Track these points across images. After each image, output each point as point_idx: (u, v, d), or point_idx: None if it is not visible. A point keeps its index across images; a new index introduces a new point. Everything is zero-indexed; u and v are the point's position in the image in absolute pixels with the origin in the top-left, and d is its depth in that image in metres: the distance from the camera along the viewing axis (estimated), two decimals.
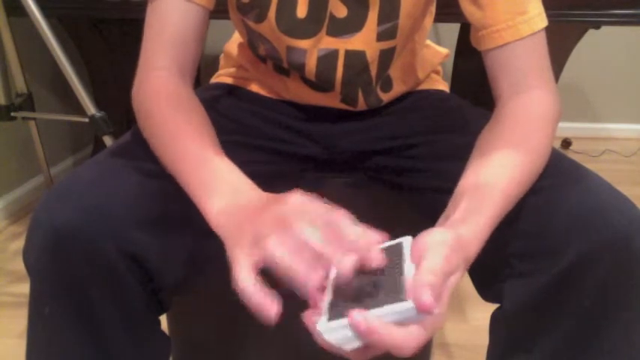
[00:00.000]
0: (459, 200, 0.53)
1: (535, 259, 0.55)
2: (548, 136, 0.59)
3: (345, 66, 0.70)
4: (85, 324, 0.54)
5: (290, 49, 0.69)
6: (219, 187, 0.51)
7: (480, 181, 0.54)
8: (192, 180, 0.53)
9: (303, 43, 0.68)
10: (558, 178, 0.56)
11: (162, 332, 0.63)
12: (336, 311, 0.40)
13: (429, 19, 0.78)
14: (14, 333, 1.21)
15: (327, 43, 0.69)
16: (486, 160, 0.56)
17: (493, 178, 0.53)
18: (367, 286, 0.42)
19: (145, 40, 0.64)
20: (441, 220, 0.52)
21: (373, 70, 0.71)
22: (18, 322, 1.26)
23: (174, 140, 0.56)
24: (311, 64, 0.70)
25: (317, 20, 0.67)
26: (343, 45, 0.69)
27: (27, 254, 0.54)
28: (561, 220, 0.53)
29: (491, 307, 0.63)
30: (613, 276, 0.51)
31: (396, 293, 0.40)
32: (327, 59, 0.69)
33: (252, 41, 0.74)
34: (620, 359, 0.53)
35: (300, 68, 0.71)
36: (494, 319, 0.62)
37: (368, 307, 0.39)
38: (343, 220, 0.43)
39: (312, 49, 0.69)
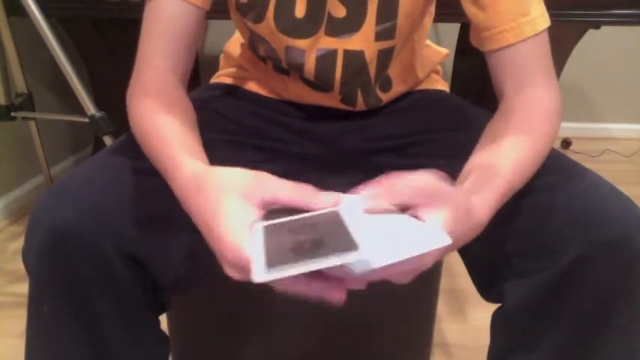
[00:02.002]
0: (466, 176, 0.54)
1: (536, 258, 0.55)
2: (552, 130, 0.59)
3: (344, 66, 0.70)
4: (84, 323, 0.54)
5: (289, 49, 0.69)
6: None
7: (488, 161, 0.55)
8: (171, 184, 0.54)
9: (302, 43, 0.68)
10: (558, 177, 0.57)
11: (162, 331, 0.63)
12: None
13: (428, 19, 0.78)
14: (14, 333, 1.21)
15: (326, 42, 0.69)
16: (494, 145, 0.57)
17: (501, 160, 0.54)
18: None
19: (141, 39, 0.65)
20: None
21: (372, 70, 0.71)
22: (18, 322, 1.26)
23: (156, 142, 0.56)
24: (310, 64, 0.70)
25: (315, 20, 0.67)
26: (342, 45, 0.69)
27: (26, 254, 0.54)
28: (562, 219, 0.53)
29: (491, 307, 0.63)
30: (614, 275, 0.51)
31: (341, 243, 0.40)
32: (326, 59, 0.69)
33: (253, 41, 0.74)
34: (621, 357, 0.53)
35: (299, 68, 0.71)
36: (496, 318, 0.62)
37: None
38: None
39: (310, 49, 0.69)
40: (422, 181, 0.45)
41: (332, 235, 0.41)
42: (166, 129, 0.56)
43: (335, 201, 0.44)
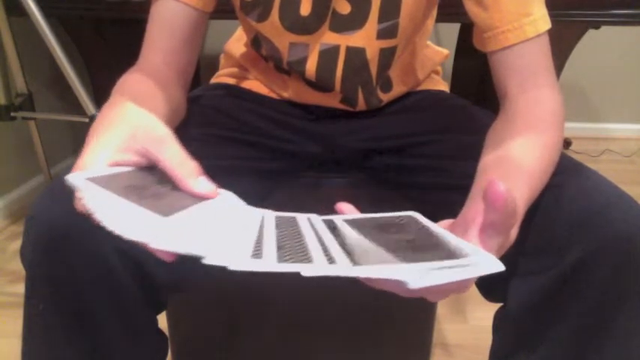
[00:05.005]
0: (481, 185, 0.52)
1: (539, 257, 0.55)
2: (561, 132, 0.59)
3: (345, 63, 0.70)
4: (80, 321, 0.54)
5: (292, 45, 0.69)
6: None
7: (504, 171, 0.53)
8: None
9: (306, 38, 0.69)
10: (561, 176, 0.57)
11: (160, 330, 0.63)
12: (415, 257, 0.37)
13: (430, 22, 0.79)
14: (14, 333, 1.21)
15: (329, 38, 0.69)
16: (506, 152, 0.55)
17: (517, 161, 0.53)
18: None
19: (144, 37, 0.66)
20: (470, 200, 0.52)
21: (373, 69, 0.71)
22: (18, 322, 1.26)
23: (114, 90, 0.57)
24: (312, 60, 0.70)
25: (320, 16, 0.68)
26: (345, 41, 0.69)
27: (23, 251, 0.54)
28: (565, 219, 0.53)
29: (492, 306, 0.63)
30: (617, 274, 0.51)
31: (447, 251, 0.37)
32: (329, 54, 0.70)
33: (257, 40, 0.75)
34: (626, 355, 0.53)
35: (301, 64, 0.71)
36: (498, 318, 0.62)
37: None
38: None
39: (314, 43, 0.69)
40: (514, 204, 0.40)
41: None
42: (132, 86, 0.57)
43: (208, 192, 0.44)
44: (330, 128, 0.77)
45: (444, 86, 0.86)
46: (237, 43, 0.84)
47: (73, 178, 0.38)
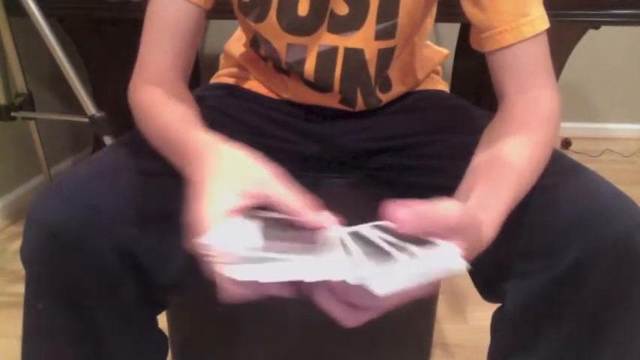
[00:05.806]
0: (470, 184, 0.53)
1: (537, 258, 0.55)
2: (555, 131, 0.59)
3: (344, 64, 0.70)
4: (80, 320, 0.54)
5: (290, 46, 0.69)
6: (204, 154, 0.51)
7: (493, 169, 0.54)
8: (179, 157, 0.54)
9: (304, 40, 0.69)
10: (559, 177, 0.57)
11: (159, 330, 0.63)
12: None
13: (429, 21, 0.78)
14: (14, 333, 1.21)
15: (328, 39, 0.69)
16: (498, 150, 0.56)
17: (507, 168, 0.54)
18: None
19: (142, 36, 0.66)
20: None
21: (372, 70, 0.71)
22: (18, 322, 1.26)
23: (165, 130, 0.58)
24: (311, 61, 0.70)
25: (318, 17, 0.68)
26: (343, 42, 0.69)
27: (23, 250, 0.54)
28: (563, 219, 0.54)
29: (491, 306, 0.63)
30: (614, 274, 0.51)
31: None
32: (327, 56, 0.70)
33: (256, 40, 0.75)
34: (625, 356, 0.53)
35: (299, 65, 0.71)
36: (496, 318, 0.62)
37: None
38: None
39: (312, 45, 0.69)
40: (448, 212, 0.43)
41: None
42: (169, 110, 0.58)
43: (324, 224, 0.45)
44: (330, 128, 0.77)
45: (443, 86, 0.86)
46: (237, 43, 0.84)
47: (210, 241, 0.39)
